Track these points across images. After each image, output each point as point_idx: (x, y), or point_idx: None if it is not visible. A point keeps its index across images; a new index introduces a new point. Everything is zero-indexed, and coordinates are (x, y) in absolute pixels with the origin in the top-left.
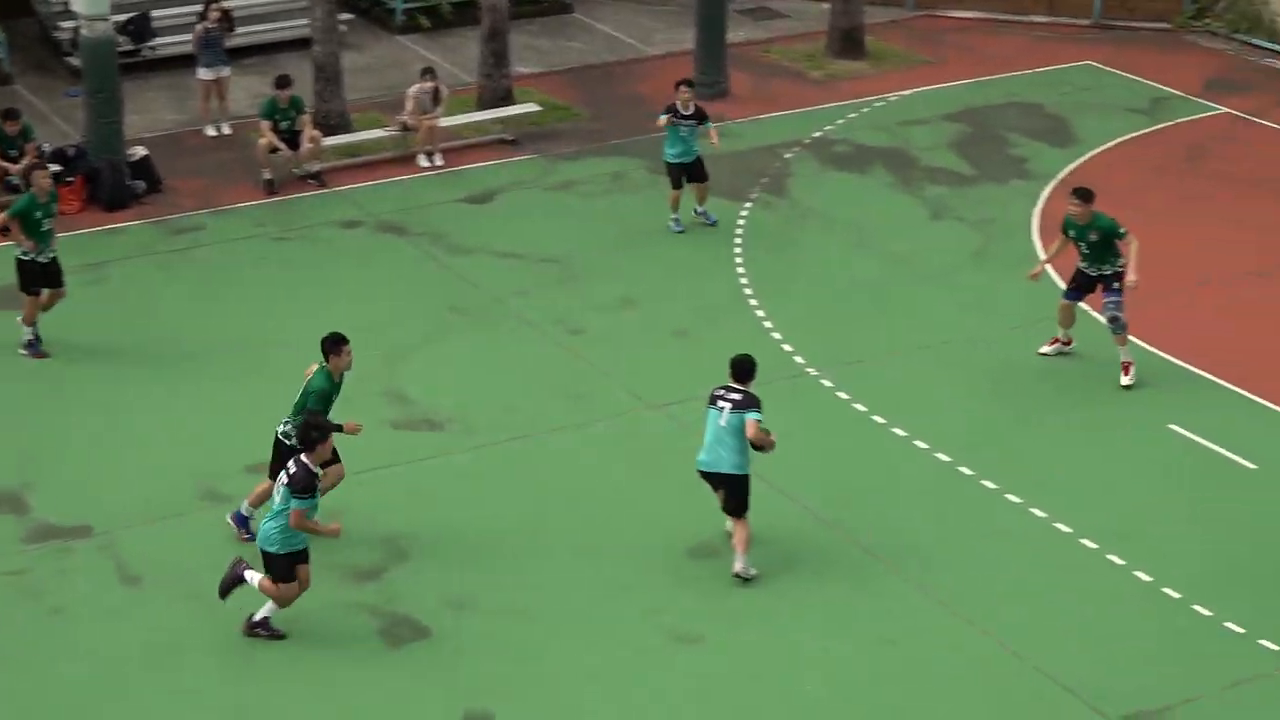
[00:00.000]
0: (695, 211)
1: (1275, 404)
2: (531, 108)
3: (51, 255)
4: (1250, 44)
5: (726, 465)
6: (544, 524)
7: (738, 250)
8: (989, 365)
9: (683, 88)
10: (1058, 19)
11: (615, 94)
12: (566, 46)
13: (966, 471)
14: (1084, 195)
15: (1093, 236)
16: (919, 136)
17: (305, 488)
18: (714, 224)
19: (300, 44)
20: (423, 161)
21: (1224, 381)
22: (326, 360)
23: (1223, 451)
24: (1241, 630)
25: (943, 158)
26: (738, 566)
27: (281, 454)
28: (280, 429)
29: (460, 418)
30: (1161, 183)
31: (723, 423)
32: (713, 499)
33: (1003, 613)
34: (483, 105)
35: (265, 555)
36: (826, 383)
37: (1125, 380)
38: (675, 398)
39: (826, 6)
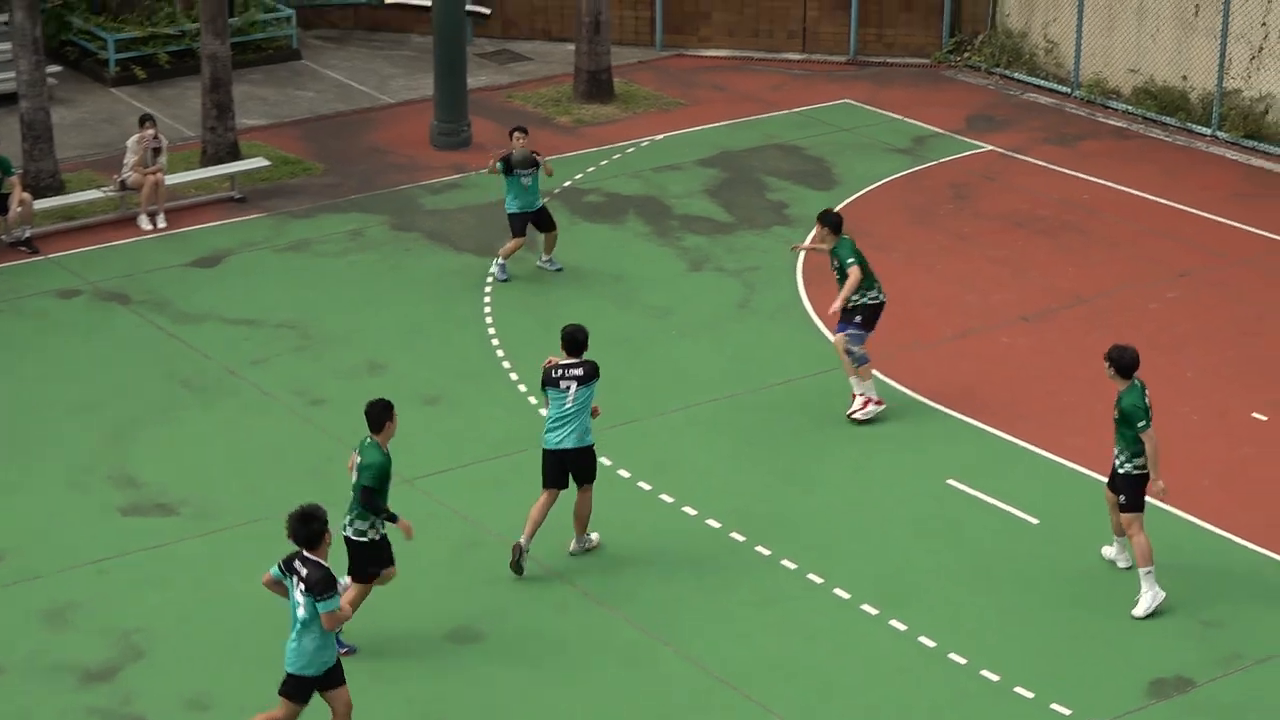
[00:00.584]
0: (540, 262)
1: (1052, 453)
2: (260, 162)
3: None
4: (1011, 78)
5: (574, 440)
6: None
7: (487, 308)
8: (759, 423)
9: (517, 134)
10: (813, 56)
11: (351, 146)
12: (296, 96)
13: (739, 538)
14: (824, 219)
15: (834, 264)
16: (674, 183)
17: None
18: (559, 270)
19: (5, 99)
20: (144, 224)
21: (1000, 431)
22: (377, 432)
23: (1003, 506)
24: (1031, 694)
25: (700, 205)
26: (574, 545)
27: (355, 553)
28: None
29: (195, 500)
30: (927, 224)
31: (569, 402)
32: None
33: (783, 688)
34: (207, 161)
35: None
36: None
37: (855, 412)
38: (429, 469)
39: (571, 48)
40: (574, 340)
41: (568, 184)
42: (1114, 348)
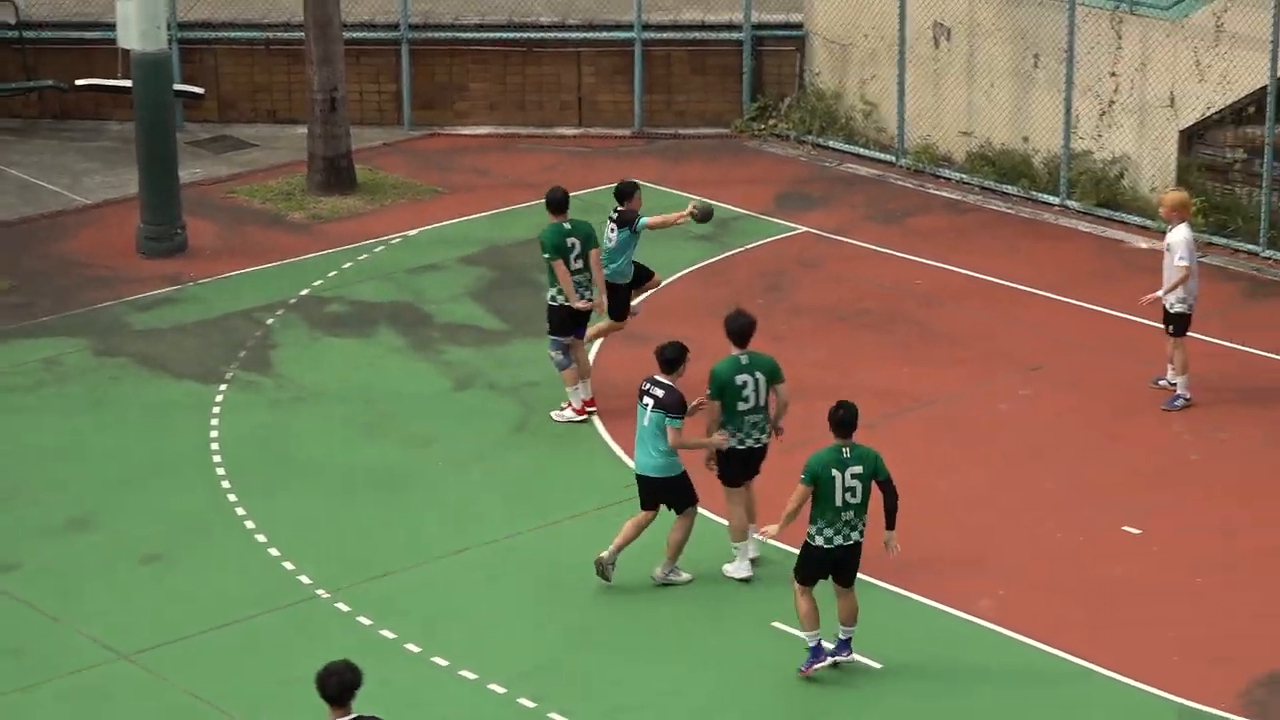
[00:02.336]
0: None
1: (891, 584)
2: None
3: None
4: (825, 147)
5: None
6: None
7: (214, 445)
8: (543, 568)
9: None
10: (592, 131)
11: (40, 257)
12: None
13: (528, 704)
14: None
15: None
16: (433, 286)
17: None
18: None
19: None
20: None
21: None
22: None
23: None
24: None
25: (465, 310)
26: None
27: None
28: None
29: None
30: None
31: (646, 421)
32: None
33: None
34: None
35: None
36: (343, 606)
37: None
38: (153, 641)
39: (303, 131)
40: (664, 359)
41: (305, 292)
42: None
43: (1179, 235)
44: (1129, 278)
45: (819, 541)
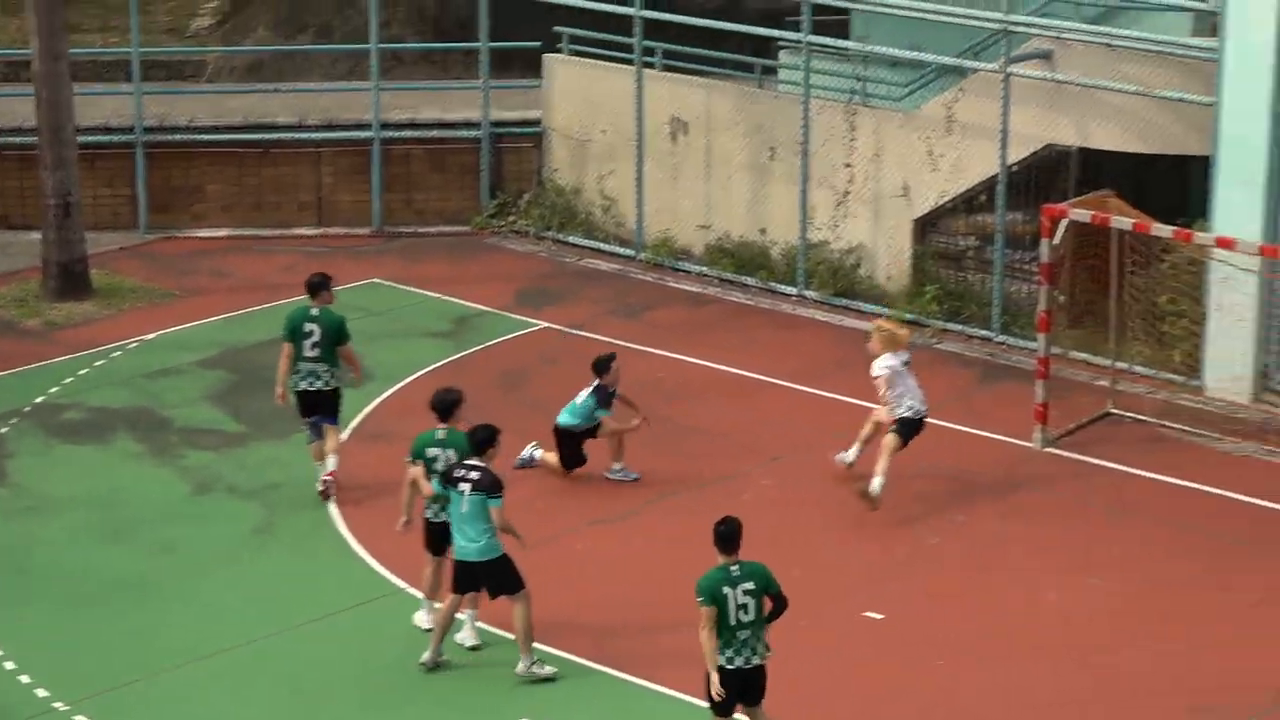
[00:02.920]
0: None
1: (643, 679)
2: None
3: None
4: (565, 243)
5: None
6: None
7: None
8: (288, 671)
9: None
10: (330, 230)
11: None
12: None
13: None
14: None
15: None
16: (171, 390)
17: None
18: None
19: None
20: None
21: (583, 659)
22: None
23: None
24: None
25: (204, 414)
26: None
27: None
28: None
29: None
30: (478, 420)
31: (464, 507)
32: None
33: None
34: None
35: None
36: (80, 719)
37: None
38: None
39: (36, 236)
40: (475, 440)
41: (40, 400)
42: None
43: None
44: (867, 365)
45: (720, 662)
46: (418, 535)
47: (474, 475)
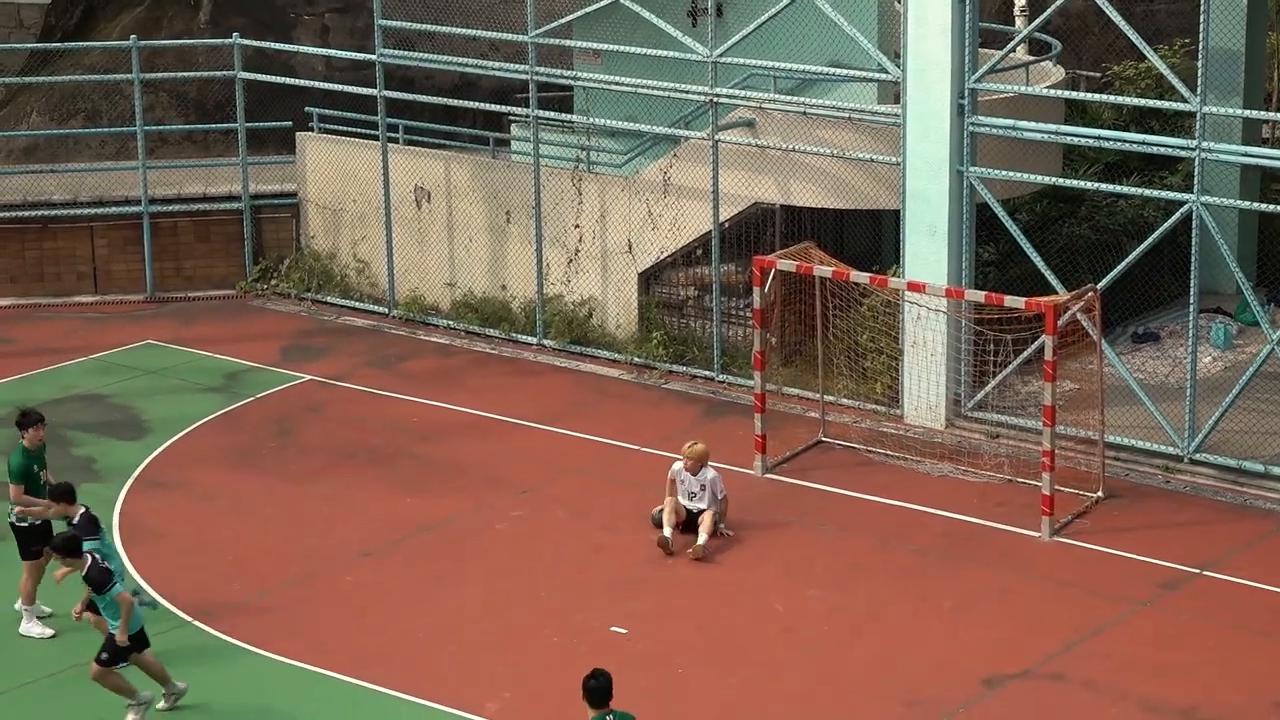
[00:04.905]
0: None
1: (406, 693)
2: None
3: None
4: (324, 302)
5: None
6: None
7: None
8: (88, 703)
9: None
10: (107, 297)
11: None
12: None
13: None
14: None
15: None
16: None
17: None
18: None
19: None
20: None
21: (352, 678)
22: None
23: None
24: None
25: None
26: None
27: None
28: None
29: None
30: (251, 467)
31: None
32: None
33: None
34: None
35: None
36: None
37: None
38: None
39: None
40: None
41: None
42: None
43: (712, 473)
44: (602, 404)
45: None
46: (201, 573)
47: None
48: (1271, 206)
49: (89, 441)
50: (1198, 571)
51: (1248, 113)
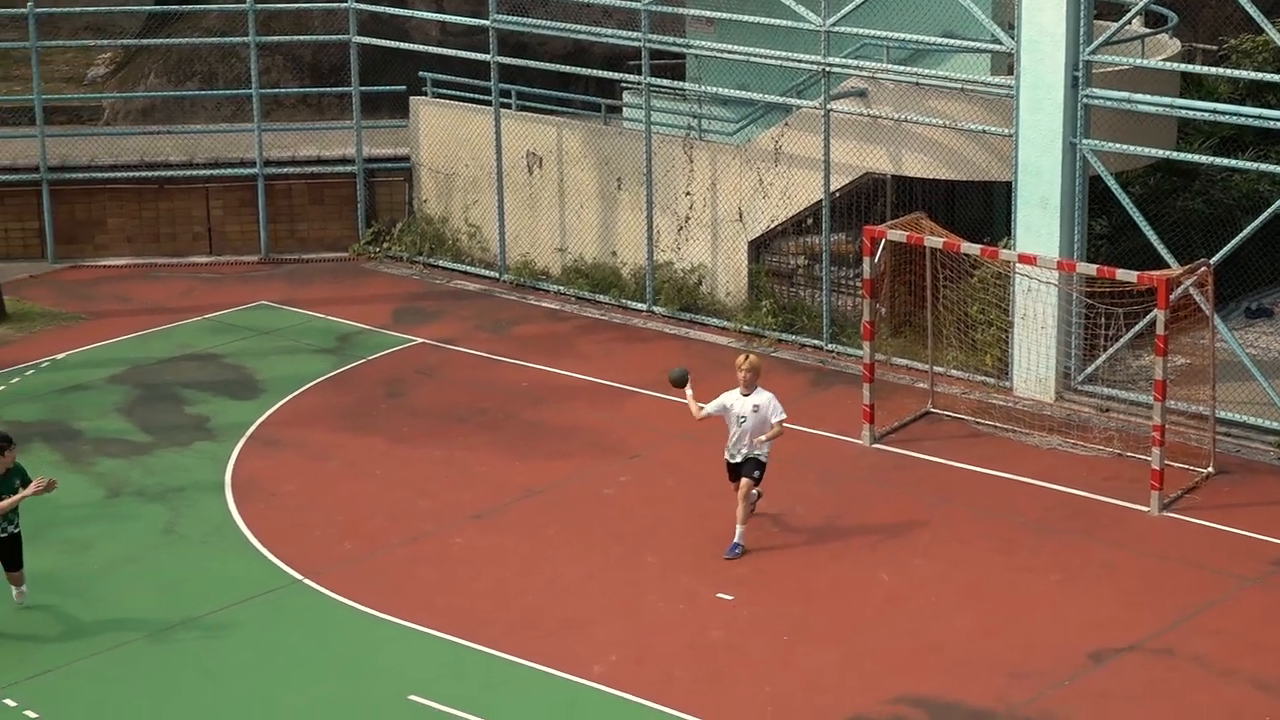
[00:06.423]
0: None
1: (512, 654)
2: None
3: None
4: (436, 266)
5: None
6: None
7: None
8: (200, 655)
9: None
10: (221, 258)
11: None
12: None
13: None
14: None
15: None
16: (82, 404)
17: None
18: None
19: None
20: None
21: (459, 639)
22: None
23: (470, 718)
24: None
25: (112, 425)
26: None
27: None
28: None
29: None
30: (363, 428)
31: None
32: None
33: None
34: None
35: None
36: (10, 702)
37: None
38: None
39: None
40: None
41: None
42: None
43: (767, 394)
44: (711, 371)
45: None
46: (312, 531)
47: None
48: None
49: (203, 400)
50: None
51: None
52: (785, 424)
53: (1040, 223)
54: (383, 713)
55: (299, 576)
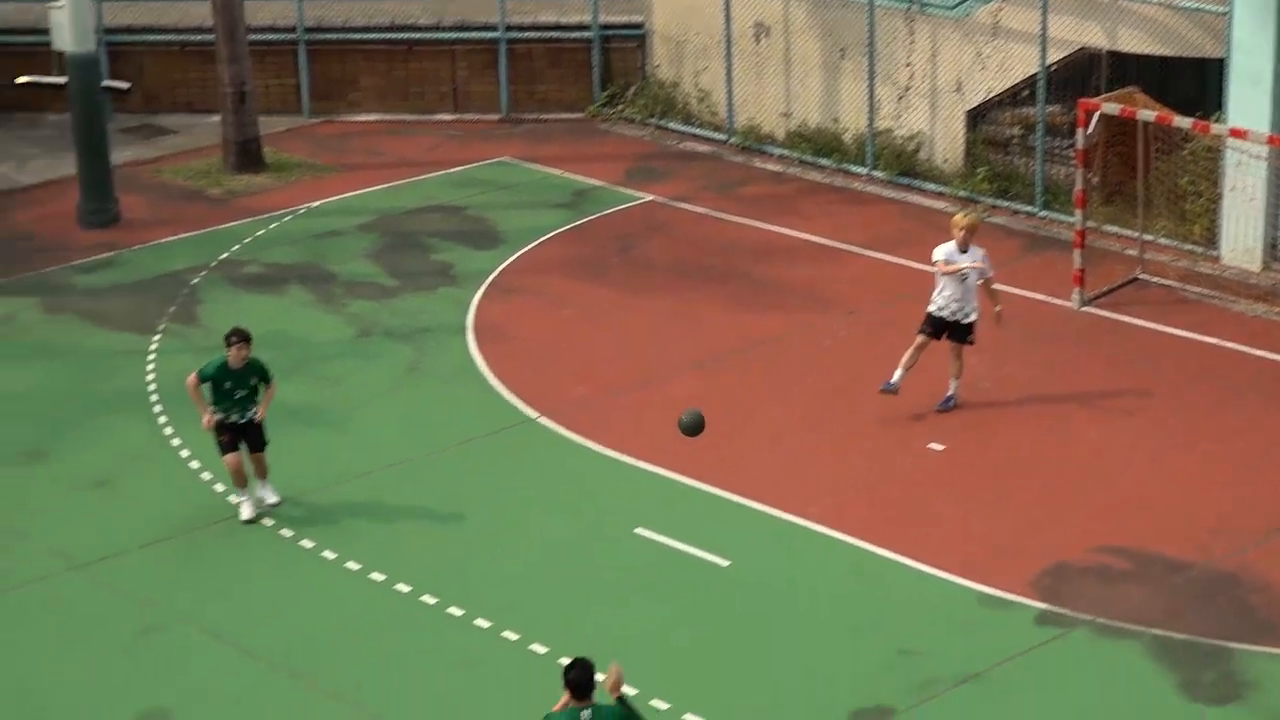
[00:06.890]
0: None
1: (733, 494)
2: None
3: None
4: (667, 128)
5: None
6: None
7: (151, 385)
8: (441, 485)
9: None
10: (465, 116)
11: None
12: None
13: (430, 600)
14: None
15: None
16: (335, 249)
17: None
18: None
19: None
20: None
21: (683, 477)
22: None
23: (694, 551)
24: None
25: (363, 269)
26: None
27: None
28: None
29: None
30: (597, 279)
31: None
32: None
33: None
34: None
35: None
36: (266, 522)
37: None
38: (105, 553)
39: (217, 119)
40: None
41: (225, 256)
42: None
43: (981, 250)
44: (927, 235)
45: None
46: (547, 374)
47: None
48: None
49: (446, 249)
50: None
51: None
52: (996, 285)
53: (1252, 98)
54: (613, 544)
55: (534, 415)
